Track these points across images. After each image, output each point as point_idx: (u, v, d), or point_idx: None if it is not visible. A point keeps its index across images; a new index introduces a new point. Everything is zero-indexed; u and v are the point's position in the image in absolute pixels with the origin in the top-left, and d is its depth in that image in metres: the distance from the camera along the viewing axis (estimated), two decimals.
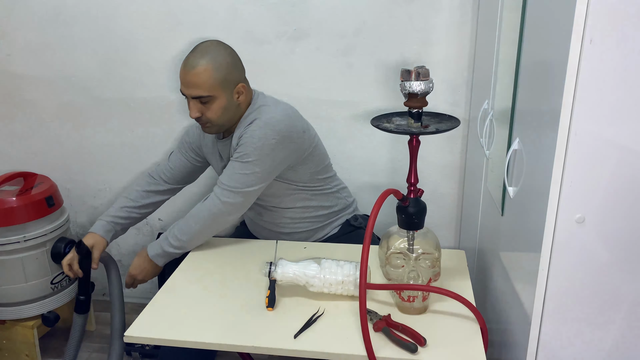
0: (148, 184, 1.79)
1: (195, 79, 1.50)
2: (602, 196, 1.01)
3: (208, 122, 1.57)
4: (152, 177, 1.80)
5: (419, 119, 1.27)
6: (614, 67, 0.93)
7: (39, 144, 2.29)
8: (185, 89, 1.53)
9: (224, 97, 1.54)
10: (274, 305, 1.34)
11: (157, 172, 1.80)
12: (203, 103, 1.53)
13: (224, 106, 1.55)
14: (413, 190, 1.31)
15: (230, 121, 1.60)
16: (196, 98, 1.52)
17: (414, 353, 1.17)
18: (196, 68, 1.49)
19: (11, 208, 1.92)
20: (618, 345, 1.10)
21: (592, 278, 1.07)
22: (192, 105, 1.53)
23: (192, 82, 1.50)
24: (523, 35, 1.27)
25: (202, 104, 1.53)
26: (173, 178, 1.80)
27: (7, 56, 2.17)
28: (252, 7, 1.98)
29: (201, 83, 1.50)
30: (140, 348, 2.05)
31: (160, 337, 1.26)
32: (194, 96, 1.52)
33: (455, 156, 2.09)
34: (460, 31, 1.92)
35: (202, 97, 1.51)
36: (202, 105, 1.53)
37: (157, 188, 1.79)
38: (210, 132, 1.62)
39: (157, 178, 1.80)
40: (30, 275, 1.98)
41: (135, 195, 1.77)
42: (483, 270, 1.68)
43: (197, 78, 1.49)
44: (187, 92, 1.53)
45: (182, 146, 1.80)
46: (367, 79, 2.01)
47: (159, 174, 1.80)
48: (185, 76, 1.51)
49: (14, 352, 2.06)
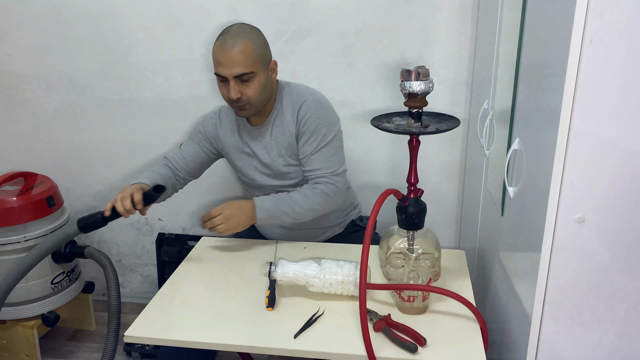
0: (166, 167, 1.72)
1: (238, 57, 1.49)
2: (602, 196, 1.01)
3: (247, 102, 1.55)
4: (169, 164, 1.73)
5: (419, 119, 1.27)
6: (614, 67, 0.93)
7: (39, 144, 2.29)
8: (226, 69, 1.51)
9: (263, 74, 1.55)
10: (274, 305, 1.34)
11: (172, 162, 1.73)
12: (244, 82, 1.52)
13: (263, 83, 1.55)
14: (413, 190, 1.31)
15: (265, 100, 1.61)
16: (238, 77, 1.51)
17: (414, 353, 1.17)
18: (237, 46, 1.49)
19: (11, 208, 1.92)
20: (618, 345, 1.10)
21: (592, 278, 1.07)
22: (233, 86, 1.52)
23: (235, 60, 1.49)
24: (523, 35, 1.27)
25: (242, 83, 1.53)
26: (185, 169, 1.74)
27: (7, 56, 2.17)
28: (252, 7, 1.98)
29: (244, 60, 1.50)
30: (141, 348, 2.06)
31: (160, 337, 1.26)
32: (236, 75, 1.50)
33: (455, 156, 2.09)
34: (460, 31, 1.92)
35: (244, 75, 1.51)
36: (242, 85, 1.53)
37: (175, 174, 1.73)
38: (247, 114, 1.60)
39: (172, 167, 1.73)
40: (30, 275, 1.97)
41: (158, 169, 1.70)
42: (483, 270, 1.68)
43: (239, 56, 1.49)
44: (228, 73, 1.51)
45: (195, 136, 1.76)
46: (367, 79, 2.01)
47: (172, 164, 1.73)
48: (226, 56, 1.50)
49: (14, 352, 2.06)
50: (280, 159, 1.66)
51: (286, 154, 1.65)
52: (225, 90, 1.55)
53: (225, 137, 1.73)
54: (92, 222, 1.50)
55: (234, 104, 1.56)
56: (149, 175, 1.65)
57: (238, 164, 1.74)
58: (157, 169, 1.70)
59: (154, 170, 1.68)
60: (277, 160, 1.66)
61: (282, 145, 1.65)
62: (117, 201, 1.47)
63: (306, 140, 1.61)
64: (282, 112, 1.64)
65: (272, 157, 1.67)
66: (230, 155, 1.75)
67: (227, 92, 1.54)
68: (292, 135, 1.63)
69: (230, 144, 1.73)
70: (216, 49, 1.52)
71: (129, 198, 1.47)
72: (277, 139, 1.65)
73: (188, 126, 2.16)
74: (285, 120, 1.63)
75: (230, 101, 1.56)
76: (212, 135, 1.74)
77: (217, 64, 1.52)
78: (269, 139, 1.66)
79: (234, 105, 1.57)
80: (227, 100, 1.57)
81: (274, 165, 1.67)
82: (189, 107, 2.14)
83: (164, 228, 2.35)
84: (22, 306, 2.00)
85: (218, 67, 1.52)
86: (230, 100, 1.55)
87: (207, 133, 1.74)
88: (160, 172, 1.68)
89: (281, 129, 1.64)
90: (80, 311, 2.27)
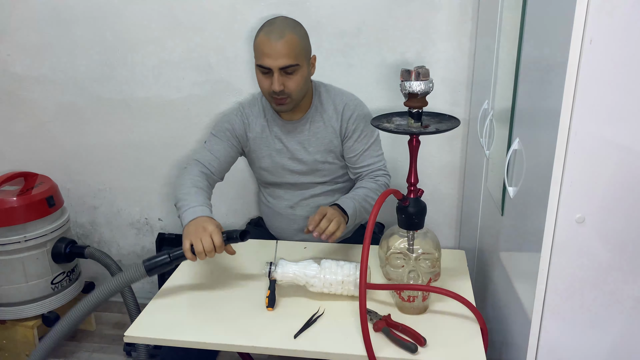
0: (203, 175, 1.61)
1: (284, 49, 1.49)
2: (602, 196, 1.01)
3: (289, 95, 1.55)
4: (205, 170, 1.63)
5: (419, 119, 1.27)
6: (614, 67, 0.93)
7: (39, 144, 2.29)
8: (272, 61, 1.50)
9: (306, 67, 1.56)
10: (274, 305, 1.34)
11: (206, 166, 1.63)
12: (287, 74, 1.52)
13: (305, 76, 1.56)
14: (413, 190, 1.31)
15: (304, 95, 1.61)
16: (283, 69, 1.51)
17: (414, 353, 1.17)
18: (285, 37, 1.49)
19: (12, 208, 1.92)
20: (618, 345, 1.10)
21: (592, 278, 1.06)
22: (277, 78, 1.51)
23: (281, 52, 1.49)
24: (523, 35, 1.27)
25: (285, 76, 1.52)
26: (219, 170, 1.67)
27: (7, 56, 2.17)
28: (252, 7, 1.98)
29: (290, 52, 1.50)
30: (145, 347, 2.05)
31: (160, 337, 1.26)
32: (282, 66, 1.50)
33: (455, 156, 2.09)
34: (460, 31, 1.92)
35: (289, 67, 1.50)
36: (285, 77, 1.52)
37: (210, 178, 1.64)
38: (286, 108, 1.58)
39: (208, 172, 1.63)
40: (30, 275, 1.98)
41: (203, 185, 1.58)
42: (483, 270, 1.68)
43: (285, 48, 1.49)
44: (273, 64, 1.50)
45: (223, 134, 1.69)
46: (367, 79, 2.01)
47: (208, 168, 1.64)
48: (273, 47, 1.49)
49: (14, 352, 2.07)
50: (318, 154, 1.68)
51: (324, 150, 1.68)
52: (267, 82, 1.53)
53: (253, 134, 1.70)
54: (159, 265, 1.35)
55: (275, 96, 1.55)
56: (200, 198, 1.49)
57: (265, 160, 1.72)
58: (199, 182, 1.57)
59: (198, 186, 1.54)
60: (314, 156, 1.68)
61: (322, 141, 1.67)
62: (198, 242, 1.33)
63: (357, 138, 1.66)
64: (322, 109, 1.67)
65: (309, 152, 1.68)
66: (256, 152, 1.72)
67: (269, 85, 1.53)
68: (335, 132, 1.66)
69: (258, 140, 1.70)
70: (262, 40, 1.51)
71: (210, 241, 1.33)
72: (316, 134, 1.67)
73: (188, 126, 2.16)
74: (326, 116, 1.66)
75: (271, 94, 1.55)
76: (239, 131, 1.70)
77: (262, 55, 1.51)
78: (307, 134, 1.67)
79: (274, 98, 1.56)
80: (267, 93, 1.56)
81: (309, 161, 1.68)
82: (189, 107, 2.14)
83: (164, 228, 2.35)
84: (22, 306, 2.00)
85: (263, 58, 1.51)
86: (271, 92, 1.54)
87: (235, 130, 1.70)
88: (204, 187, 1.57)
89: (322, 125, 1.66)
90: None
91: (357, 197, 1.59)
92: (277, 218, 1.81)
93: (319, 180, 1.72)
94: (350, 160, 1.70)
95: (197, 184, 1.55)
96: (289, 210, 1.77)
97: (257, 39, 1.54)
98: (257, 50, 1.53)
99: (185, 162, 2.20)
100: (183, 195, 1.50)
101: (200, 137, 2.15)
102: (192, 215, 1.40)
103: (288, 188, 1.75)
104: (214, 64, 2.06)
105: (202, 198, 1.50)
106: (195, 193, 1.51)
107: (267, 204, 1.82)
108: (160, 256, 1.35)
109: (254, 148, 1.72)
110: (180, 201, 1.49)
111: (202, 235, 1.32)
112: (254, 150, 1.72)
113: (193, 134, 2.17)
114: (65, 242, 2.05)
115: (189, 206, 1.45)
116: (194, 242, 1.32)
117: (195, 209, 1.43)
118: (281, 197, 1.77)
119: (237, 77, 2.07)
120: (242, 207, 2.23)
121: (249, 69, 2.05)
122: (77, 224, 2.40)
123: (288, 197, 1.76)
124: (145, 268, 1.33)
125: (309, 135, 1.67)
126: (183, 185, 1.55)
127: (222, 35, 2.02)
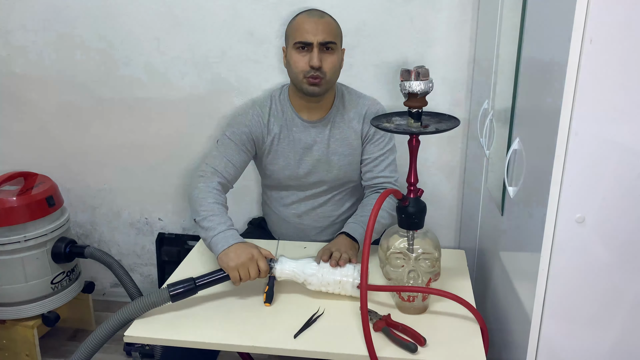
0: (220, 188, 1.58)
1: (326, 25, 1.54)
2: (602, 196, 1.01)
3: (324, 75, 1.55)
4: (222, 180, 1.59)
5: (418, 119, 1.27)
6: (614, 67, 0.93)
7: (39, 144, 2.29)
8: (312, 35, 1.51)
9: (340, 53, 1.61)
10: (272, 302, 1.35)
11: (224, 176, 1.59)
12: (326, 51, 1.54)
13: (338, 62, 1.59)
14: (413, 190, 1.31)
15: (334, 83, 1.62)
16: (323, 44, 1.53)
17: (414, 353, 1.17)
18: (325, 18, 1.56)
19: (12, 208, 1.92)
20: (618, 345, 1.10)
21: (592, 278, 1.06)
22: (316, 53, 1.52)
23: (323, 28, 1.53)
24: (523, 34, 1.27)
25: (324, 52, 1.54)
26: (234, 177, 1.64)
27: (7, 56, 2.17)
28: (252, 7, 1.98)
29: (332, 29, 1.55)
30: (140, 348, 2.06)
31: (160, 337, 1.26)
32: (322, 41, 1.52)
33: (455, 156, 2.09)
34: (460, 31, 1.92)
35: (329, 43, 1.53)
36: (323, 54, 1.54)
37: (226, 188, 1.63)
38: (319, 90, 1.56)
39: (225, 182, 1.60)
40: (30, 275, 1.98)
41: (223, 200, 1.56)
42: (483, 270, 1.68)
43: (327, 24, 1.54)
44: (314, 39, 1.51)
45: (239, 138, 1.62)
46: (367, 79, 2.01)
47: (226, 178, 1.60)
48: (314, 23, 1.53)
49: (14, 352, 2.07)
50: (335, 155, 1.68)
51: (344, 152, 1.68)
52: (304, 60, 1.53)
53: (270, 135, 1.66)
54: (184, 291, 1.33)
55: (312, 74, 1.53)
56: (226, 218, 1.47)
57: (280, 161, 1.68)
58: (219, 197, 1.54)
59: (220, 202, 1.52)
60: (332, 157, 1.68)
61: (343, 142, 1.67)
62: (245, 271, 1.34)
63: (375, 141, 1.67)
64: (345, 109, 1.68)
65: (329, 151, 1.67)
66: (271, 153, 1.67)
67: (306, 62, 1.53)
68: (357, 133, 1.67)
69: (275, 141, 1.66)
70: (302, 19, 1.55)
71: (256, 268, 1.34)
72: (337, 135, 1.67)
73: (188, 126, 2.16)
74: (348, 116, 1.67)
75: (306, 73, 1.53)
76: (256, 133, 1.64)
77: (301, 32, 1.53)
78: (328, 134, 1.66)
79: (308, 79, 1.54)
80: (302, 72, 1.54)
81: (329, 160, 1.68)
82: (189, 107, 2.14)
83: (164, 228, 2.35)
84: (22, 306, 2.00)
85: (303, 34, 1.52)
86: (307, 71, 1.53)
87: (252, 133, 1.64)
88: (224, 201, 1.55)
89: (344, 126, 1.67)
90: (80, 311, 2.27)
91: (365, 221, 1.57)
92: (283, 225, 1.81)
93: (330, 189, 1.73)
94: (364, 162, 1.70)
95: (218, 199, 1.52)
96: (296, 220, 1.77)
97: (294, 21, 1.57)
98: (296, 29, 1.55)
99: (185, 162, 2.21)
100: (207, 213, 1.46)
101: (200, 137, 2.15)
102: (226, 242, 1.39)
103: (295, 189, 1.73)
104: (214, 64, 2.06)
105: (227, 218, 1.47)
106: (219, 212, 1.48)
107: (272, 209, 1.81)
108: (185, 282, 1.33)
109: (269, 148, 1.67)
110: (205, 220, 1.45)
111: (250, 265, 1.34)
112: (267, 151, 1.67)
113: (193, 134, 2.17)
114: (65, 242, 2.05)
115: (218, 230, 1.42)
116: (241, 272, 1.34)
117: (227, 234, 1.41)
118: (288, 203, 1.76)
119: (237, 77, 2.06)
120: (242, 207, 2.23)
121: (249, 69, 2.05)
122: (77, 224, 2.40)
123: (295, 206, 1.75)
124: (170, 294, 1.31)
125: (329, 135, 1.66)
126: (204, 200, 1.50)
127: (222, 35, 2.02)
